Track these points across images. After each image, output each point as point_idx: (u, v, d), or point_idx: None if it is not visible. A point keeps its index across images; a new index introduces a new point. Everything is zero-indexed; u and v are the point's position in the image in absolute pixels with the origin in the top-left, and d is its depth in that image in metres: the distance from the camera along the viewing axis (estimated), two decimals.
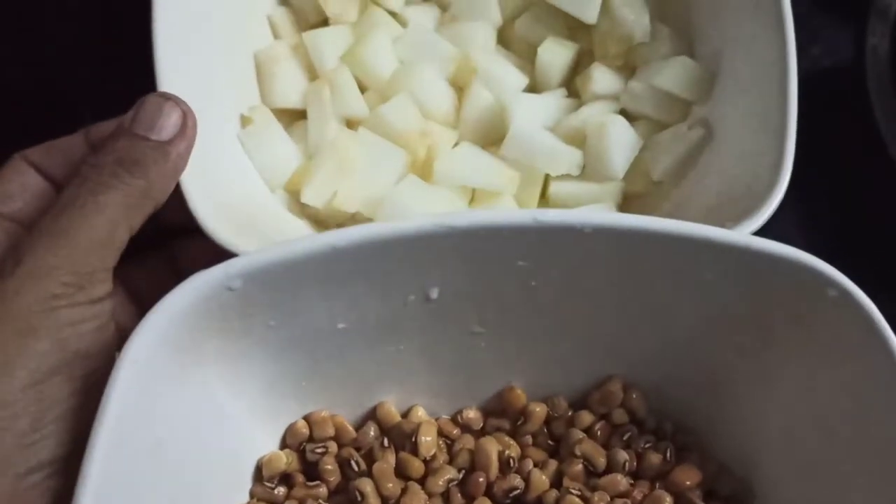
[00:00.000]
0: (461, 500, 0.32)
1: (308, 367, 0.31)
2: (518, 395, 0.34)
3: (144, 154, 0.30)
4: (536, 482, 0.32)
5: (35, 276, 0.27)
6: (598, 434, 0.33)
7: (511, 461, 0.32)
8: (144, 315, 0.25)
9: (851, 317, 0.27)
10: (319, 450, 0.32)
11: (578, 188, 0.40)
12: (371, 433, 0.33)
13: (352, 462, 0.32)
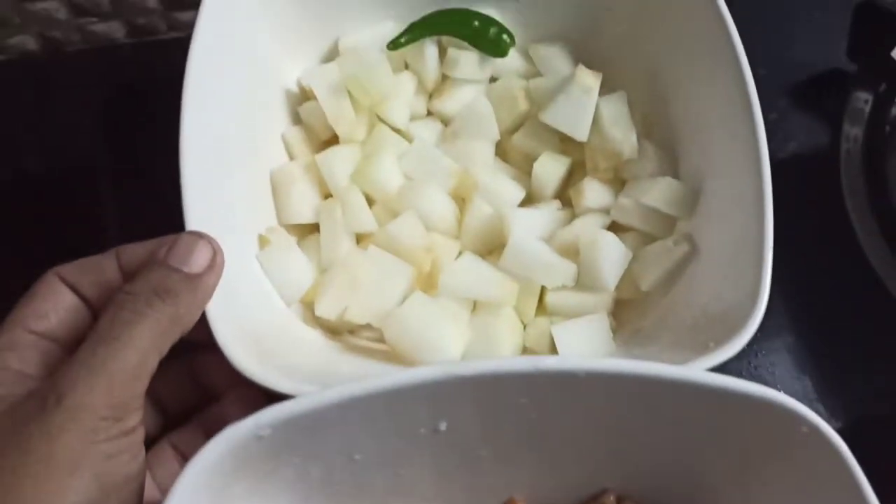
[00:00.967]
0: None
1: (326, 493, 0.33)
2: None
3: (177, 284, 0.33)
4: None
5: (76, 413, 0.29)
6: None
7: None
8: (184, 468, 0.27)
9: (822, 451, 0.30)
10: None
11: (573, 298, 0.43)
12: None
13: None
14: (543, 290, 0.43)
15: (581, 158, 0.47)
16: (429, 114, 0.49)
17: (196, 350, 0.39)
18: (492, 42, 0.46)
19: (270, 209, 0.44)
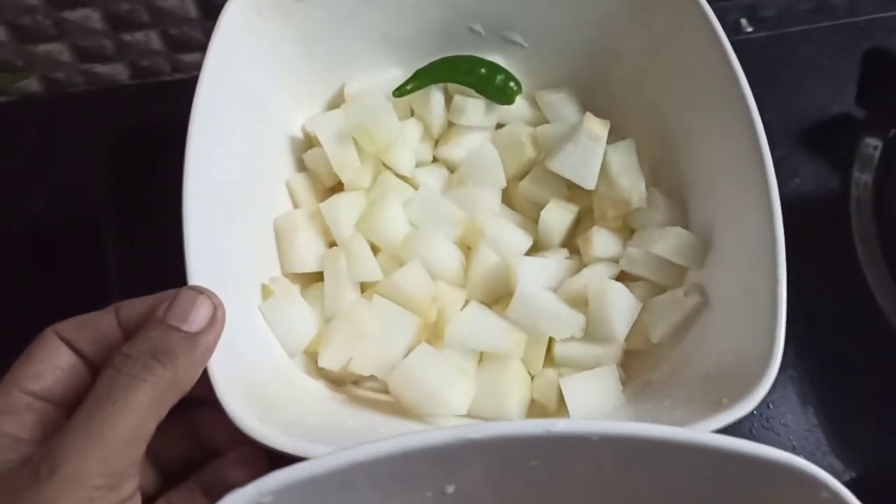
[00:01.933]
0: None
1: None
2: None
3: (176, 345, 0.32)
4: None
5: (70, 484, 0.28)
6: None
7: None
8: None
9: None
10: None
11: (582, 350, 0.42)
12: None
13: None
14: (551, 341, 0.42)
15: (589, 206, 0.46)
16: (434, 160, 0.48)
17: (196, 405, 0.39)
18: (498, 89, 0.46)
19: (274, 257, 0.43)
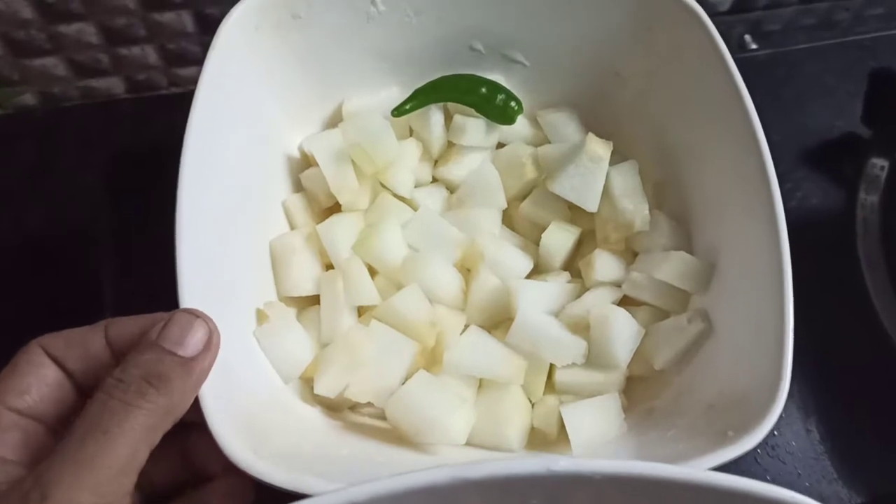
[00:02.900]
0: None
1: None
2: None
3: (170, 370, 0.31)
4: None
5: None
6: None
7: None
8: None
9: None
10: None
11: (583, 376, 0.41)
12: None
13: None
14: (552, 367, 0.42)
15: (591, 227, 0.46)
16: (434, 181, 0.47)
17: (187, 428, 0.38)
18: (499, 109, 0.45)
19: (269, 280, 0.42)
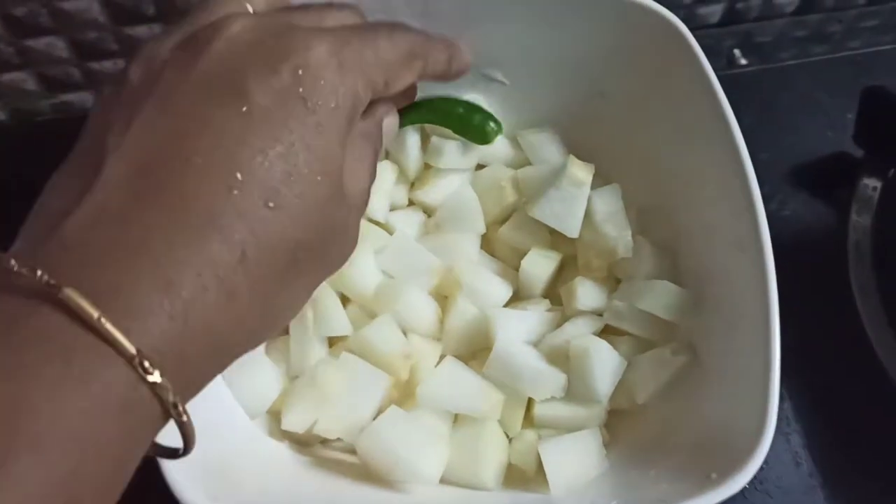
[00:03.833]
0: None
1: None
2: None
3: None
4: None
5: None
6: None
7: None
8: None
9: None
10: None
11: (563, 410, 0.40)
12: None
13: None
14: (530, 400, 0.40)
15: (572, 252, 0.44)
16: (410, 204, 0.45)
17: None
18: (477, 130, 0.43)
19: None
